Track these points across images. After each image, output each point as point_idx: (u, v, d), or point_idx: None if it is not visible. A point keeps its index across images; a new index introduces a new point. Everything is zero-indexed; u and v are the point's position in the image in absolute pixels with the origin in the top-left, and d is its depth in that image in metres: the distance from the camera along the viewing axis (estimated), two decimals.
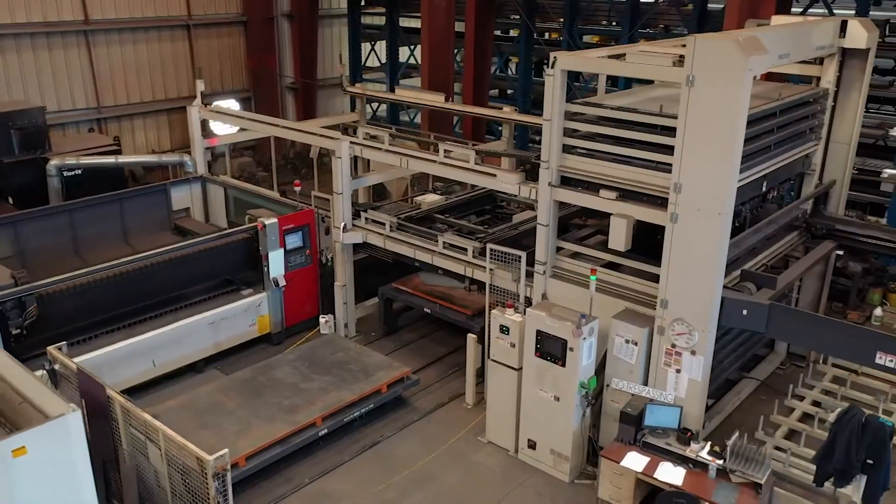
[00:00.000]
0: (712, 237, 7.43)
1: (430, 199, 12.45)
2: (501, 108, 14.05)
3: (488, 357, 9.27)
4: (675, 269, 7.75)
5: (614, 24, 18.51)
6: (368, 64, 23.06)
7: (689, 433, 7.89)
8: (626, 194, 8.25)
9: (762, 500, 7.26)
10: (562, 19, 18.03)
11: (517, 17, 19.73)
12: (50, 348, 8.04)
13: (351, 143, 11.07)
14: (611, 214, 8.32)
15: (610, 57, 8.56)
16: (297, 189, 12.31)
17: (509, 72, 22.83)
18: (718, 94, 6.97)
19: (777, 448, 8.57)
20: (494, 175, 9.48)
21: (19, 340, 9.16)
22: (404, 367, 10.26)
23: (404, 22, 21.47)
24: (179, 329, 10.51)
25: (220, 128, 15.31)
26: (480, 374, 10.19)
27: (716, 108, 7.03)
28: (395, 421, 9.88)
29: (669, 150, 7.61)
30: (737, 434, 7.80)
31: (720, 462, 7.57)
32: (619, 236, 8.25)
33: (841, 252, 10.31)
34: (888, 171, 13.67)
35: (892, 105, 17.97)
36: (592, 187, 8.51)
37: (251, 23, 20.85)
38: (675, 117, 7.36)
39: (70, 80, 17.35)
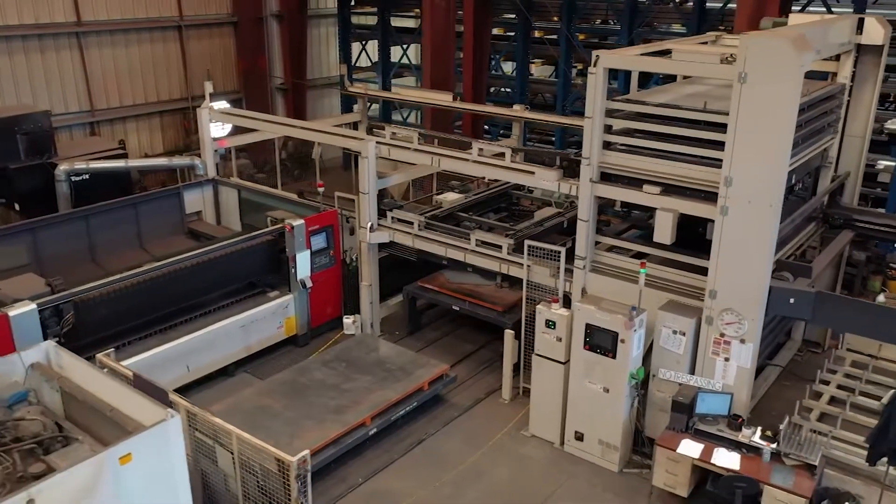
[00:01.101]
0: (763, 228, 7.68)
1: (451, 197, 12.54)
2: (512, 107, 14.19)
3: (533, 352, 9.39)
4: (724, 260, 7.98)
5: (599, 22, 18.93)
6: (359, 64, 22.99)
7: (741, 419, 8.14)
8: (669, 189, 8.48)
9: (817, 480, 7.55)
10: (556, 18, 18.29)
11: (509, 15, 19.93)
12: (99, 355, 7.91)
13: (378, 142, 11.08)
14: (654, 209, 8.54)
15: (648, 55, 8.78)
16: (321, 190, 12.27)
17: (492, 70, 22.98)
18: (772, 90, 7.21)
19: (812, 431, 8.88)
20: (533, 172, 9.61)
21: None
22: (442, 364, 10.35)
23: (395, 22, 21.47)
24: (212, 333, 10.41)
25: (214, 129, 14.94)
26: (514, 369, 10.33)
27: (769, 104, 7.27)
28: (436, 418, 9.96)
29: (716, 144, 7.85)
30: (788, 418, 8.10)
31: (773, 446, 7.83)
32: (664, 230, 8.46)
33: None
34: (882, 163, 14.24)
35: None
36: (634, 183, 8.71)
37: (241, 23, 20.63)
38: (727, 113, 7.60)
39: (63, 82, 16.96)
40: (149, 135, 19.00)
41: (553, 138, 19.37)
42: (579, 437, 9.10)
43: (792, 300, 7.94)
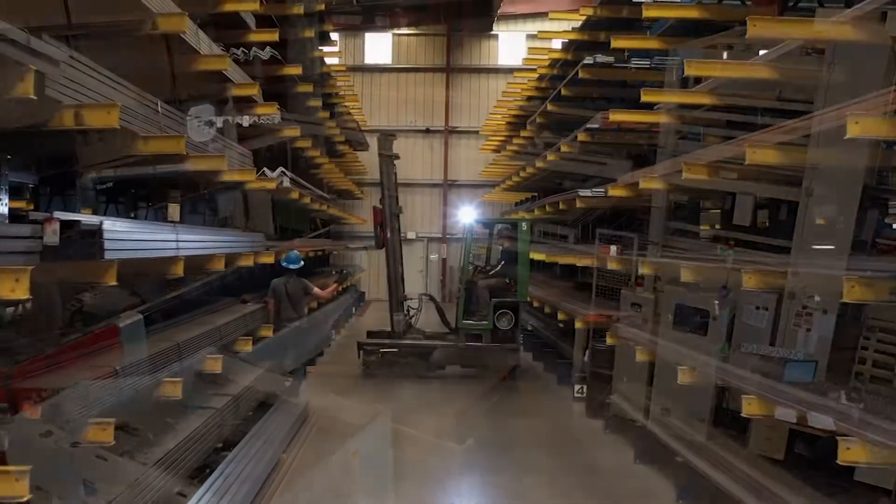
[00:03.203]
0: (846, 207, 8.31)
1: None
2: None
3: (611, 336, 9.77)
4: (808, 238, 8.57)
5: None
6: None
7: (825, 384, 8.76)
8: (745, 174, 9.01)
9: None
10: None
11: None
12: None
13: None
14: (735, 193, 9.09)
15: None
16: None
17: None
18: (859, 78, 7.83)
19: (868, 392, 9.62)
20: (606, 164, 10.00)
21: None
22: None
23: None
24: (279, 337, 10.29)
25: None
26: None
27: (855, 91, 7.88)
28: (515, 406, 10.19)
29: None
30: (866, 380, 8.77)
31: (861, 405, 8.47)
32: (744, 213, 9.02)
33: None
34: None
35: None
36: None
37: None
38: (811, 102, 8.18)
39: None
40: None
41: None
42: (666, 413, 9.52)
43: None
